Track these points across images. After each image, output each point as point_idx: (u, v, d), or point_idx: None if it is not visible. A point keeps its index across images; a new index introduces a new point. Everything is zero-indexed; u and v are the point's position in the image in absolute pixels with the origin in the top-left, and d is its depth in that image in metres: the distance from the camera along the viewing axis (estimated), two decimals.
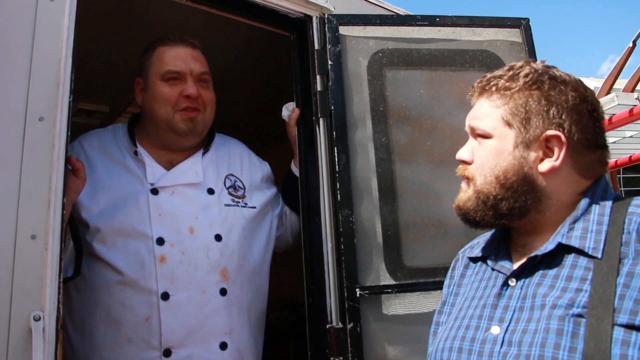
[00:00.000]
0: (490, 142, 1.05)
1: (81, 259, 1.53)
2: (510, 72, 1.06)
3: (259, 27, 2.01)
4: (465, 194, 1.08)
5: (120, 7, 2.20)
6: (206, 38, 2.00)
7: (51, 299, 1.16)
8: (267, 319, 1.90)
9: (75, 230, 1.54)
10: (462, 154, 1.10)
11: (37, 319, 1.13)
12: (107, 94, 2.99)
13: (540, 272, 0.98)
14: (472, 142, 1.10)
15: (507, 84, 1.05)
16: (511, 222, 1.05)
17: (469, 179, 1.08)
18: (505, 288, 1.01)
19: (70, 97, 1.34)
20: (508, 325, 0.96)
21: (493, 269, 1.08)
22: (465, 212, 1.07)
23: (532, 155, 1.01)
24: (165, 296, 1.58)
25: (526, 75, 1.04)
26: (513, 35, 2.04)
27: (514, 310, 0.97)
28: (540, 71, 1.05)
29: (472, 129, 1.09)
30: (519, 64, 1.08)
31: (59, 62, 1.31)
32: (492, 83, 1.07)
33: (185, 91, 1.76)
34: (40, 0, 1.33)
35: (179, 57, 1.80)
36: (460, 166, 1.11)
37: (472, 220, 1.07)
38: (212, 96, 1.87)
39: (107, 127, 1.86)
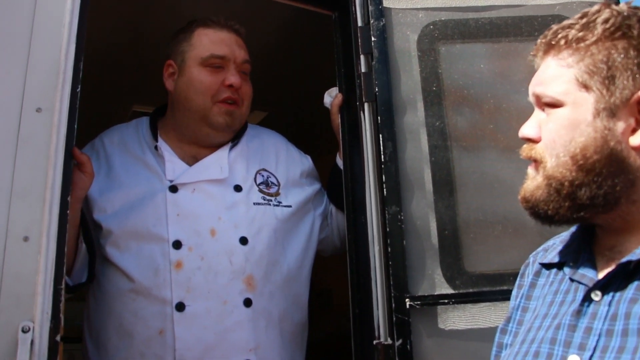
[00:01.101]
0: (562, 111, 0.84)
1: (94, 263, 1.43)
2: (584, 20, 0.84)
3: (298, 7, 1.86)
4: (532, 182, 0.88)
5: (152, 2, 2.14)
6: (242, 25, 1.86)
7: (43, 308, 1.05)
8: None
9: (87, 231, 1.44)
10: (527, 129, 0.90)
11: (25, 331, 1.02)
12: (159, 95, 2.97)
13: (636, 283, 0.78)
14: (538, 114, 0.90)
15: (581, 34, 0.84)
16: (594, 216, 0.85)
17: (537, 162, 0.88)
18: (587, 304, 0.82)
19: (77, 87, 1.26)
20: (591, 355, 0.77)
21: (572, 279, 0.88)
22: (534, 204, 0.87)
23: (620, 125, 0.81)
24: (180, 307, 1.45)
25: (606, 21, 0.82)
26: None
27: (600, 335, 0.78)
28: (625, 13, 0.82)
29: (538, 97, 0.89)
30: (595, 7, 0.85)
31: (59, 49, 1.22)
32: (559, 36, 0.86)
33: (228, 80, 1.64)
34: None
35: (223, 41, 1.70)
36: (525, 146, 0.91)
37: (543, 214, 0.87)
38: (250, 90, 1.76)
39: (131, 121, 1.76)
